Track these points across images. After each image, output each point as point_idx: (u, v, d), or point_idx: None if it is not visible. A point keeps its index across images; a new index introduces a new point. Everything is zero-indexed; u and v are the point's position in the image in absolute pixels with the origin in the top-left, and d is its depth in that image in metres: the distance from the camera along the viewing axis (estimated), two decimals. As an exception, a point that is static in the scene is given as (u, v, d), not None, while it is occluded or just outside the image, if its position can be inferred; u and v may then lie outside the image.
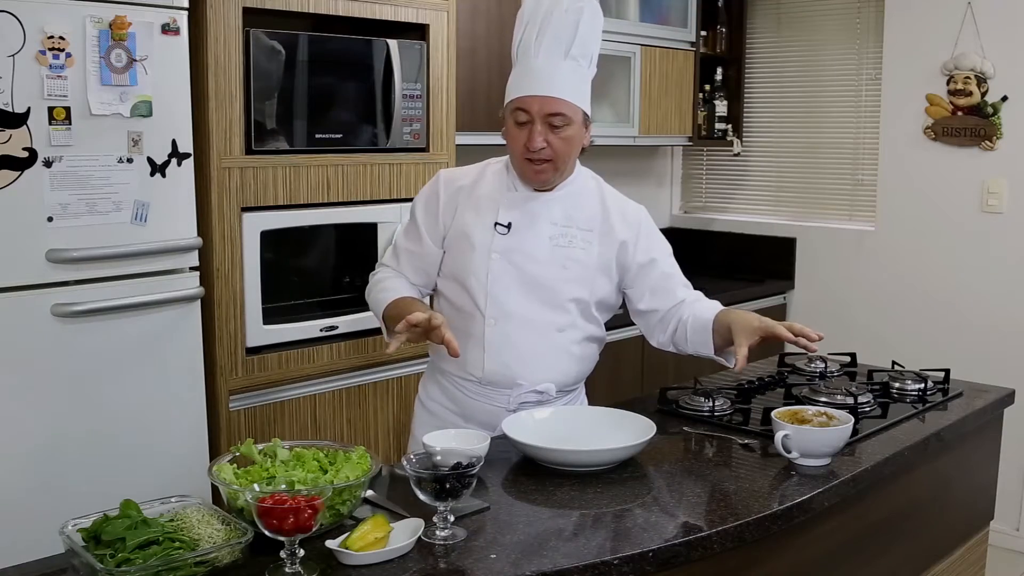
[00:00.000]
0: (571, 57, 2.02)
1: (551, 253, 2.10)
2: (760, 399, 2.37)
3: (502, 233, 2.09)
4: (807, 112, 4.50)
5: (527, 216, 2.11)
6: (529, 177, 2.09)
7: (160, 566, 1.36)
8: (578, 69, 2.04)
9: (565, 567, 1.47)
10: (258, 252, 2.76)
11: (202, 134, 2.62)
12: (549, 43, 2.00)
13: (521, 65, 2.04)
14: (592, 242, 2.13)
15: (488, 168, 2.19)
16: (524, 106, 2.01)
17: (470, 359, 2.11)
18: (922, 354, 3.65)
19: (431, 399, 2.24)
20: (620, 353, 3.64)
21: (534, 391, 2.13)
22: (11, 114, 2.23)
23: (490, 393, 2.13)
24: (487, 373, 2.11)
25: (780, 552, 1.81)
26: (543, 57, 2.00)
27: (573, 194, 2.15)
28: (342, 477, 1.60)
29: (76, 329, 2.37)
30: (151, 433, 2.53)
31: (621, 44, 3.98)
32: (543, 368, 2.13)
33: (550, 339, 2.12)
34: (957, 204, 3.98)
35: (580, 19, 2.01)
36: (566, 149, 2.05)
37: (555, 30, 2.00)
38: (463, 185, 2.15)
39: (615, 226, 2.16)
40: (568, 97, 2.01)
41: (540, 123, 2.00)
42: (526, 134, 2.02)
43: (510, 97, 2.05)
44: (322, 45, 2.86)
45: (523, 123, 2.02)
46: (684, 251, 4.84)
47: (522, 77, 2.03)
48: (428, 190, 2.20)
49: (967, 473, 2.48)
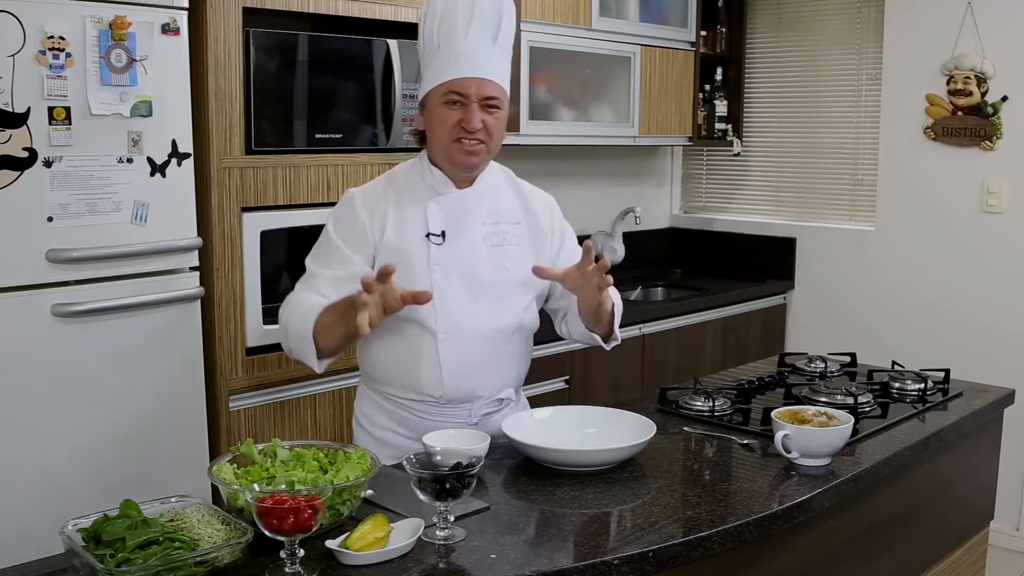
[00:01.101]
0: (498, 44, 2.00)
1: (489, 255, 2.04)
2: (760, 399, 2.37)
3: (437, 243, 2.00)
4: (807, 112, 4.50)
5: (457, 220, 2.02)
6: (460, 160, 1.99)
7: (160, 566, 1.36)
8: (504, 56, 2.02)
9: (565, 567, 1.47)
10: (258, 252, 2.76)
11: (202, 134, 2.62)
12: (478, 28, 1.96)
13: (449, 48, 1.96)
14: (523, 235, 2.09)
15: (395, 178, 2.09)
16: (460, 88, 1.95)
17: (425, 379, 2.01)
18: (922, 354, 3.66)
19: (378, 427, 2.10)
20: (620, 353, 3.63)
21: (496, 399, 2.09)
22: (11, 114, 2.23)
23: (449, 411, 2.04)
24: (447, 391, 2.01)
25: (780, 552, 1.81)
26: (473, 40, 1.95)
27: (492, 189, 2.09)
28: (342, 477, 1.60)
29: (76, 329, 2.37)
30: (151, 433, 2.53)
31: (621, 44, 3.97)
32: (501, 375, 2.08)
33: (504, 344, 2.06)
34: (957, 204, 3.98)
35: (502, 9, 2.00)
36: (500, 131, 2.02)
37: (481, 15, 1.96)
38: (379, 199, 2.04)
39: (539, 216, 2.13)
40: (500, 81, 2.00)
41: (476, 104, 1.96)
42: (460, 114, 1.96)
43: (441, 80, 1.96)
44: (322, 45, 2.86)
45: (456, 104, 1.96)
46: (684, 251, 4.93)
47: (453, 60, 1.95)
48: (345, 211, 2.04)
49: (967, 473, 2.48)
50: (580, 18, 3.75)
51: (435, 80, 1.98)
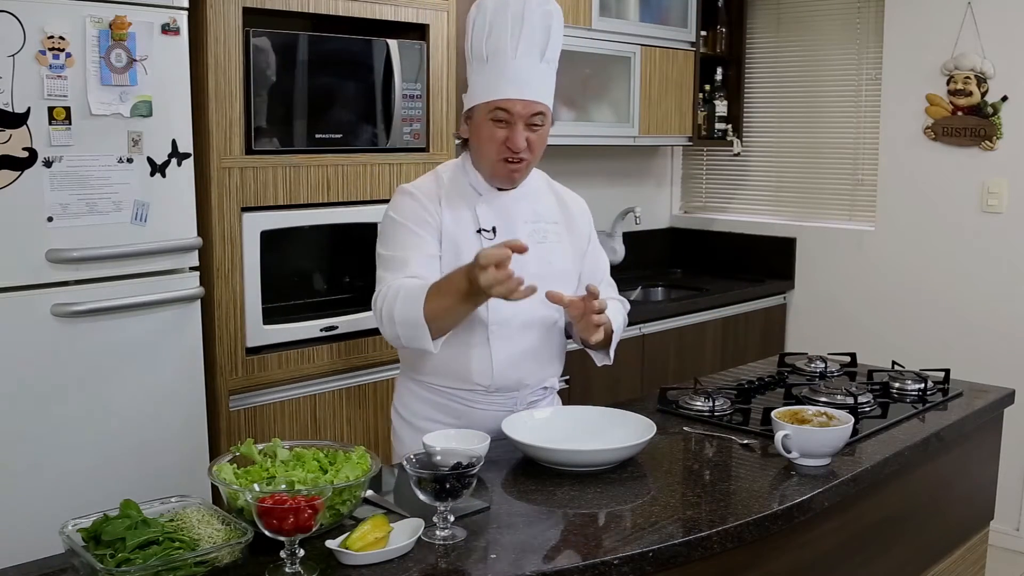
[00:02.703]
0: (545, 60, 2.03)
1: (534, 251, 2.04)
2: (760, 399, 2.37)
3: (488, 238, 2.05)
4: (807, 112, 4.49)
5: (505, 218, 2.08)
6: (503, 177, 2.05)
7: (160, 566, 1.36)
8: (550, 71, 2.06)
9: (565, 567, 1.47)
10: (258, 252, 2.76)
11: (202, 134, 2.62)
12: (527, 45, 1.99)
13: (497, 65, 1.99)
14: (562, 233, 2.16)
15: (440, 176, 2.12)
16: (507, 107, 1.98)
17: (476, 369, 2.07)
18: (922, 354, 3.66)
19: (419, 416, 2.15)
20: (620, 353, 3.62)
21: (541, 388, 2.15)
22: (11, 114, 2.23)
23: (497, 399, 2.11)
24: (496, 380, 2.08)
25: (780, 552, 1.81)
26: (522, 59, 1.99)
27: (532, 191, 2.15)
28: (342, 477, 1.60)
29: (76, 329, 2.37)
30: (151, 433, 2.53)
31: (621, 44, 3.97)
32: (548, 364, 2.16)
33: (549, 335, 2.14)
34: (957, 204, 3.98)
35: (551, 23, 2.02)
36: (541, 147, 2.07)
37: (530, 32, 1.99)
38: (433, 192, 2.08)
39: (574, 216, 2.21)
40: (546, 99, 2.03)
41: (522, 124, 2.00)
42: (506, 133, 2.00)
43: (488, 97, 2.00)
44: (322, 45, 2.86)
45: (502, 123, 2.00)
46: (684, 251, 4.93)
47: (501, 77, 1.98)
48: (405, 201, 2.08)
49: (967, 473, 2.48)
50: (580, 18, 3.75)
51: (482, 96, 2.01)
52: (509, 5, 2.00)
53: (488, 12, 2.01)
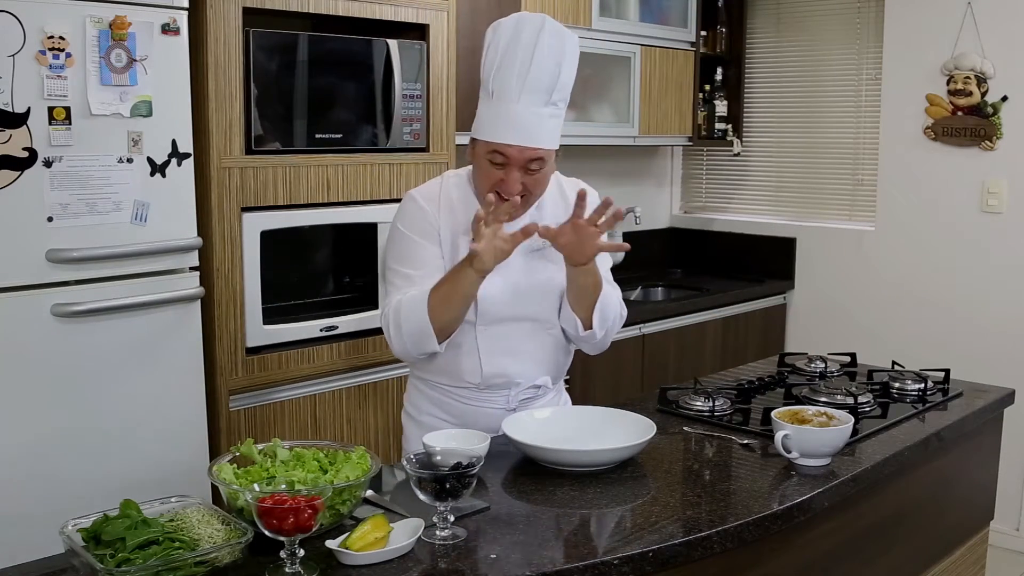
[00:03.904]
0: (552, 103, 1.98)
1: (529, 258, 2.08)
2: (760, 399, 2.37)
3: None
4: (807, 112, 4.50)
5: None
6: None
7: (160, 566, 1.36)
8: (557, 114, 2.01)
9: (565, 567, 1.47)
10: (258, 252, 2.76)
11: (202, 134, 2.62)
12: (531, 90, 1.94)
13: (499, 106, 1.96)
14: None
15: (447, 181, 2.13)
16: (504, 152, 1.96)
17: (465, 367, 2.09)
18: (922, 354, 3.66)
19: (423, 412, 2.20)
20: (620, 353, 3.65)
21: (532, 386, 2.15)
22: (11, 114, 2.23)
23: (488, 396, 2.13)
24: (485, 378, 2.10)
25: (780, 552, 1.81)
26: (525, 104, 1.94)
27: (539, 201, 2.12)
28: (342, 477, 1.60)
29: (76, 329, 2.37)
30: (151, 433, 2.53)
31: (621, 44, 3.97)
32: (538, 363, 2.15)
33: (540, 336, 2.14)
34: (957, 204, 3.98)
35: (563, 61, 1.97)
36: (540, 188, 2.05)
37: (537, 74, 1.94)
38: (436, 197, 2.10)
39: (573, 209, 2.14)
40: (548, 144, 1.99)
41: (518, 169, 1.97)
42: (501, 175, 1.98)
43: (486, 136, 1.97)
44: (322, 45, 2.86)
45: (499, 165, 1.98)
46: (684, 251, 4.93)
47: (500, 120, 1.95)
48: (410, 206, 2.10)
49: (967, 473, 2.48)
50: (580, 18, 3.75)
51: (482, 133, 1.99)
52: (522, 37, 1.95)
53: (501, 43, 1.97)
